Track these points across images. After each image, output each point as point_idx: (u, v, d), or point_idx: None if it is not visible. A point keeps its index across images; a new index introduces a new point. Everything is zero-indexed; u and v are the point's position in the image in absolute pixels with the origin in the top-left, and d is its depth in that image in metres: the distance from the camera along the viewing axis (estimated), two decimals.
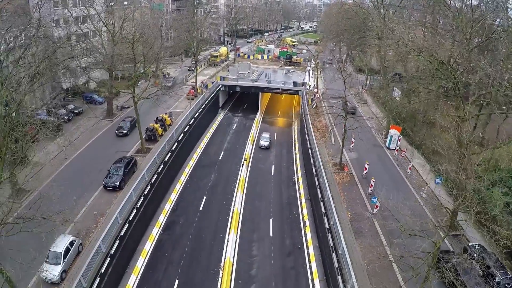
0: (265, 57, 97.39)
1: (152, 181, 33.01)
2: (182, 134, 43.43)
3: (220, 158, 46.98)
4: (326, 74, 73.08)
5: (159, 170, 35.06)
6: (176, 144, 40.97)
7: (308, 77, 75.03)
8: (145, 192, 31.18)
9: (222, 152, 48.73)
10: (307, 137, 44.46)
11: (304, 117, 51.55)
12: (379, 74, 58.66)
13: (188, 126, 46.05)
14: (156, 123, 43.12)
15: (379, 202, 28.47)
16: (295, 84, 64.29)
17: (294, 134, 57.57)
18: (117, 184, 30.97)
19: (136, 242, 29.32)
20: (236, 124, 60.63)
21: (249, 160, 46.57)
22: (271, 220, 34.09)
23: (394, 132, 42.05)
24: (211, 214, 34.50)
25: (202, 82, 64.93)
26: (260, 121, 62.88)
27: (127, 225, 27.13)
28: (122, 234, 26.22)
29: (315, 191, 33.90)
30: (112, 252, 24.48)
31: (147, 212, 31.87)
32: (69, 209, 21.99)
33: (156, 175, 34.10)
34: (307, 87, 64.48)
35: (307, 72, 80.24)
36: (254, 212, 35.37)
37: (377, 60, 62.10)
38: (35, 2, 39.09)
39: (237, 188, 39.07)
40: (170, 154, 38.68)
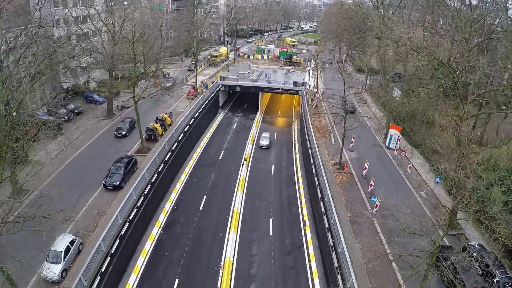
0: (265, 57, 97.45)
1: (152, 181, 33.08)
2: (182, 134, 43.50)
3: (220, 158, 47.04)
4: (326, 74, 73.12)
5: (159, 170, 35.13)
6: (176, 144, 41.03)
7: (308, 77, 75.06)
8: (145, 192, 31.26)
9: (222, 152, 48.79)
10: (307, 137, 44.53)
11: (304, 117, 51.60)
12: (379, 74, 58.72)
13: (188, 126, 46.11)
14: (156, 123, 43.21)
15: (379, 202, 28.50)
16: (295, 84, 64.35)
17: (294, 134, 57.64)
18: (118, 184, 31.04)
19: (136, 242, 29.39)
20: (236, 124, 60.68)
21: (249, 160, 46.65)
22: (271, 220, 34.16)
23: (394, 132, 42.09)
24: (211, 214, 34.56)
25: (202, 82, 65.02)
26: (260, 121, 62.92)
27: (127, 225, 27.21)
28: (123, 234, 26.29)
29: (315, 191, 33.96)
30: (113, 251, 24.55)
31: (147, 212, 31.94)
32: (70, 208, 22.07)
33: (156, 175, 34.17)
34: (307, 87, 64.54)
35: (307, 72, 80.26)
36: (254, 212, 35.44)
37: (377, 60, 62.14)
38: (36, 2, 39.17)
39: (237, 188, 39.13)
40: (170, 154, 38.75)
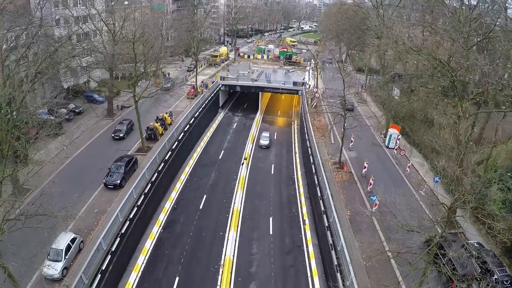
0: (265, 57, 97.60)
1: (153, 180, 33.19)
2: (183, 133, 43.60)
3: (220, 157, 47.15)
4: (326, 74, 73.24)
5: (160, 169, 35.24)
6: (177, 143, 41.14)
7: (308, 77, 75.18)
8: (146, 191, 31.37)
9: (222, 151, 48.90)
10: (307, 136, 44.63)
11: (304, 117, 51.70)
12: (379, 74, 58.82)
13: (189, 126, 46.22)
14: (157, 122, 43.34)
15: (378, 200, 28.63)
16: (295, 84, 64.45)
17: (294, 134, 57.75)
18: (118, 183, 31.17)
19: (137, 240, 29.51)
20: (236, 124, 60.79)
21: (249, 159, 46.76)
22: (271, 219, 34.27)
23: (394, 131, 42.18)
24: (211, 213, 34.67)
25: (202, 82, 65.16)
26: (260, 121, 63.03)
27: (128, 223, 27.31)
28: (123, 232, 26.40)
29: (315, 190, 34.06)
30: (113, 250, 24.66)
31: (148, 211, 32.05)
32: (71, 206, 22.12)
33: (157, 174, 34.28)
34: (307, 87, 64.65)
35: (307, 72, 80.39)
36: (254, 211, 35.55)
37: (377, 60, 62.25)
38: (37, 2, 39.27)
39: (237, 187, 39.24)
40: (171, 153, 38.86)
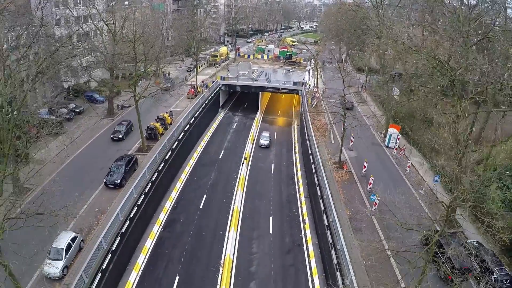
0: (265, 57, 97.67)
1: (153, 179, 33.26)
2: (183, 133, 43.68)
3: (220, 157, 47.22)
4: (326, 74, 73.31)
5: (160, 169, 35.32)
6: (177, 143, 41.21)
7: (308, 77, 75.25)
8: (146, 190, 31.45)
9: (222, 151, 48.96)
10: (307, 136, 44.69)
11: (304, 116, 51.77)
12: (379, 74, 58.86)
13: (189, 125, 46.29)
14: (157, 122, 43.42)
15: (378, 200, 28.68)
16: (295, 84, 64.52)
17: (294, 133, 57.81)
18: (118, 182, 31.25)
19: (137, 239, 29.58)
20: (236, 123, 60.85)
21: (249, 159, 46.82)
22: (271, 218, 34.33)
23: (393, 131, 42.25)
24: (211, 212, 34.74)
25: (203, 82, 65.22)
26: (260, 121, 63.09)
27: (128, 222, 27.38)
28: (123, 231, 26.47)
29: (315, 189, 34.12)
30: (113, 249, 24.74)
31: (148, 210, 32.13)
32: (71, 206, 22.19)
33: (157, 173, 34.36)
34: (307, 87, 64.72)
35: (307, 72, 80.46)
36: (254, 210, 35.61)
37: (376, 60, 62.30)
38: (37, 2, 39.34)
39: (237, 187, 39.30)
40: (171, 153, 38.94)
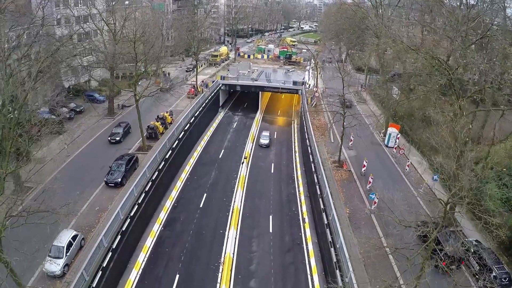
0: (265, 57, 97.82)
1: (153, 178, 33.37)
2: (183, 133, 43.80)
3: (221, 156, 47.33)
4: (326, 73, 73.41)
5: (160, 168, 35.44)
6: (177, 142, 41.33)
7: (308, 76, 75.38)
8: (146, 189, 31.57)
9: (223, 151, 49.07)
10: (307, 135, 44.79)
11: (304, 116, 51.88)
12: (378, 73, 58.94)
13: (189, 125, 46.40)
14: (157, 121, 43.54)
15: (377, 198, 28.81)
16: (295, 83, 64.66)
17: (294, 133, 57.92)
18: (119, 181, 31.39)
19: (137, 238, 29.70)
20: (236, 123, 60.97)
21: (249, 158, 46.94)
22: (271, 217, 34.44)
23: (393, 130, 42.35)
24: (212, 211, 34.85)
25: (203, 81, 65.34)
26: (260, 120, 63.21)
27: (129, 221, 27.51)
28: (124, 230, 26.60)
29: (314, 188, 34.22)
30: (114, 247, 24.86)
31: (148, 209, 32.25)
32: (72, 204, 22.32)
33: (157, 172, 34.47)
34: (307, 86, 64.83)
35: (307, 72, 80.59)
36: (254, 209, 35.72)
37: (376, 59, 62.36)
38: (38, 1, 39.47)
39: (237, 186, 39.42)
40: (171, 152, 39.06)
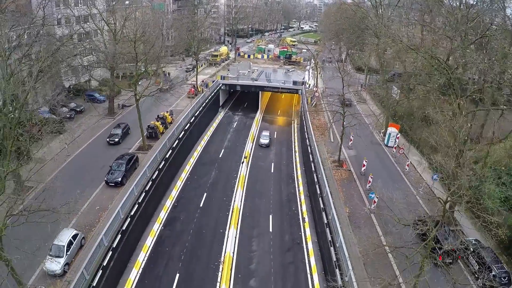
0: (265, 57, 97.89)
1: (154, 178, 33.45)
2: (183, 132, 43.87)
3: (221, 156, 47.40)
4: (326, 73, 73.45)
5: (160, 167, 35.50)
6: (177, 142, 41.39)
7: (308, 76, 75.42)
8: (147, 188, 31.65)
9: (223, 150, 49.14)
10: (307, 135, 44.84)
11: (304, 116, 51.94)
12: (378, 73, 58.98)
13: (189, 124, 46.47)
14: (157, 121, 43.59)
15: (377, 198, 28.86)
16: (295, 83, 64.70)
17: (294, 132, 57.97)
18: (119, 180, 31.45)
19: (138, 237, 29.78)
20: (236, 123, 61.03)
21: (249, 158, 46.99)
22: (271, 217, 34.51)
23: (393, 130, 42.40)
24: (212, 211, 34.92)
25: (203, 81, 65.38)
26: (260, 120, 63.26)
27: (129, 220, 27.59)
28: (124, 229, 26.68)
29: (314, 188, 34.28)
30: (114, 246, 24.95)
31: (148, 208, 32.32)
32: (73, 203, 22.37)
33: (157, 172, 34.54)
34: (307, 86, 64.87)
35: (307, 71, 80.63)
36: (254, 209, 35.79)
37: (376, 59, 62.40)
38: (39, 1, 39.51)
39: (237, 185, 39.49)
40: (171, 152, 39.12)
